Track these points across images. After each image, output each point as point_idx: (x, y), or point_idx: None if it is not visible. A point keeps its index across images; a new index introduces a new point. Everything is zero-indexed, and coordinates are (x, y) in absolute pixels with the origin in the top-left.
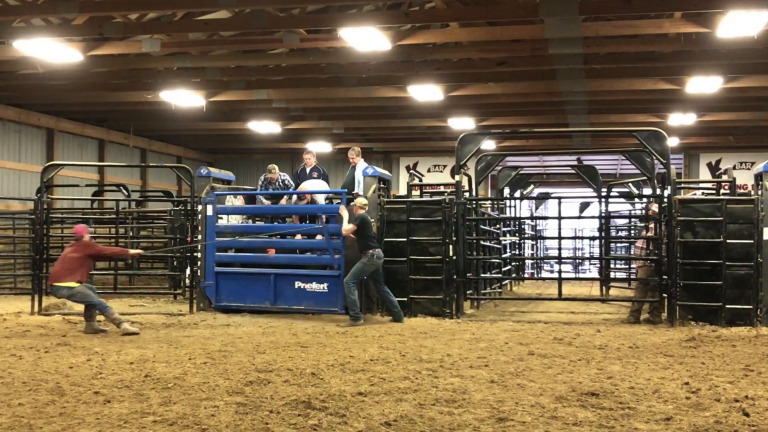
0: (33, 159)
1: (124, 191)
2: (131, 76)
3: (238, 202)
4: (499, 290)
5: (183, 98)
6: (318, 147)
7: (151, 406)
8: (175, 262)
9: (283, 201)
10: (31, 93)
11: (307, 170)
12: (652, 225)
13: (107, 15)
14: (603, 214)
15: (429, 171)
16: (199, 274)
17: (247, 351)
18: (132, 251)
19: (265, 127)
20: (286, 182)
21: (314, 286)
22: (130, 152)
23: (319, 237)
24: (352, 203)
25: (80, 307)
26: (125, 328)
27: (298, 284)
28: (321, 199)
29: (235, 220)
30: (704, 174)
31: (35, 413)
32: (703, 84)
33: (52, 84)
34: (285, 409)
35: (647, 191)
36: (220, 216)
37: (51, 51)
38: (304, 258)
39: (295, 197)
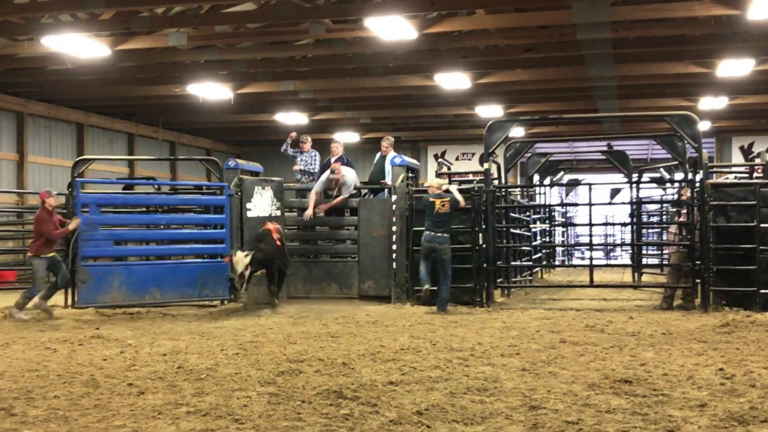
0: (63, 154)
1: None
2: (159, 69)
3: (268, 193)
4: (530, 278)
5: (210, 91)
6: (345, 137)
7: (184, 397)
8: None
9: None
10: (60, 88)
11: (332, 160)
12: (684, 210)
13: (134, 9)
14: (634, 200)
15: (457, 159)
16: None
17: (278, 341)
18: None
19: (292, 118)
20: (315, 158)
21: None
22: (159, 145)
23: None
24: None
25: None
26: (18, 316)
27: None
28: (350, 185)
29: (264, 209)
30: (737, 158)
31: (70, 405)
32: (734, 67)
33: (80, 79)
34: (317, 399)
35: (679, 176)
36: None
37: (79, 46)
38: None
39: (326, 176)
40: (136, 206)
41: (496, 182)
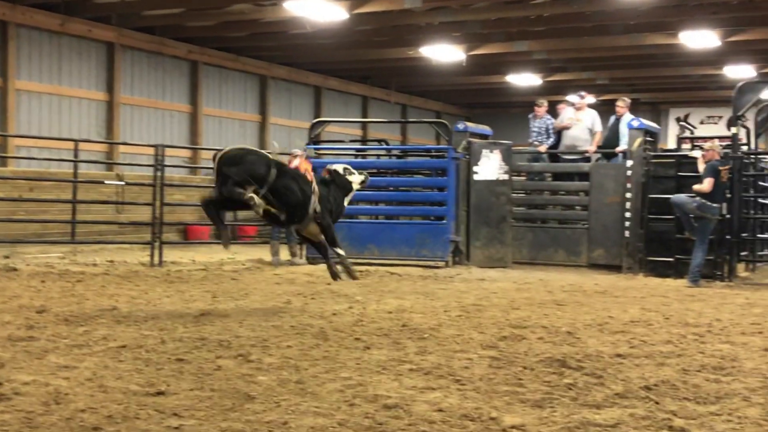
0: (302, 115)
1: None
2: (393, 32)
3: (496, 156)
4: None
5: (443, 53)
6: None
7: (407, 355)
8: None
9: (542, 148)
10: (300, 52)
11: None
12: None
13: None
14: None
15: (702, 123)
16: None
17: (502, 306)
18: None
19: (524, 79)
20: (549, 128)
21: None
22: (391, 108)
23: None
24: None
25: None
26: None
27: None
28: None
29: (491, 173)
30: None
31: (301, 355)
32: None
33: (319, 43)
34: (539, 366)
35: None
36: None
37: (318, 10)
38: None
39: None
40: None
41: (744, 148)
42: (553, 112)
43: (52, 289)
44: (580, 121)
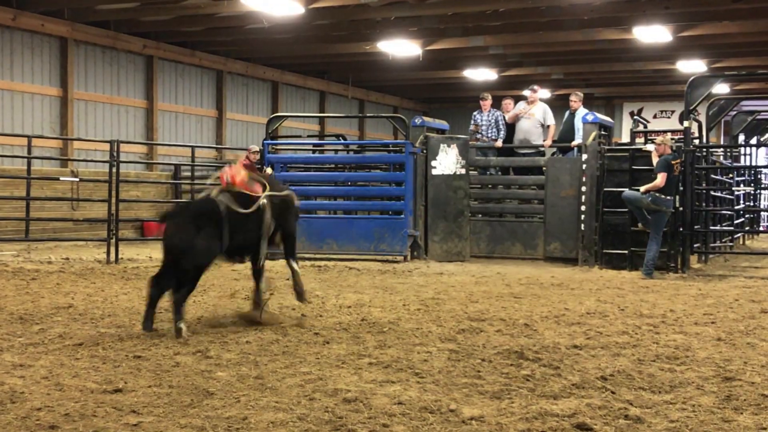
0: (259, 111)
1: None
2: (350, 27)
3: (453, 150)
4: (730, 244)
5: (400, 48)
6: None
7: (366, 349)
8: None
9: (499, 143)
10: (257, 47)
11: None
12: None
13: None
14: None
15: (655, 117)
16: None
17: (460, 299)
18: None
19: (480, 74)
20: (499, 120)
21: None
22: (348, 103)
23: None
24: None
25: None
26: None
27: None
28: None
29: (448, 168)
30: None
31: (260, 350)
32: None
33: (276, 38)
34: (497, 359)
35: None
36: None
37: (274, 4)
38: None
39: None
40: (323, 164)
41: (696, 141)
42: (497, 107)
43: (6, 287)
44: (532, 115)
